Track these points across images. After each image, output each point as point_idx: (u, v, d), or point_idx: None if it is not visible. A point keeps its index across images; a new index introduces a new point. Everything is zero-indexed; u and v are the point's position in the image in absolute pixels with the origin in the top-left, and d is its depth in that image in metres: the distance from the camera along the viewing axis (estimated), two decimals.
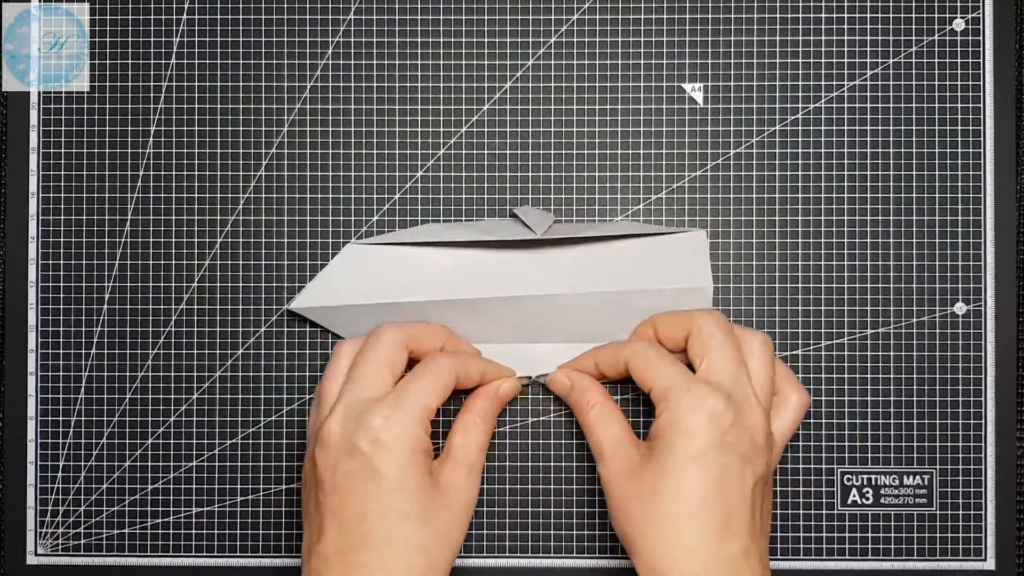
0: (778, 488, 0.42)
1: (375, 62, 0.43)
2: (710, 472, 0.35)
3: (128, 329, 0.43)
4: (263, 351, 0.43)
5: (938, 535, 0.42)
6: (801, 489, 0.43)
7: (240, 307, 0.43)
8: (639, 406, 0.43)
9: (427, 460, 0.37)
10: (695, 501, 0.35)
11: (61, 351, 0.43)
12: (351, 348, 0.39)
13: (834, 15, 0.43)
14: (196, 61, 0.43)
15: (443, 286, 0.42)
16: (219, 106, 0.43)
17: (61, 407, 0.43)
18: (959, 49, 0.42)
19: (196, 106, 0.43)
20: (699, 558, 0.35)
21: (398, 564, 0.35)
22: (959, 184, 0.43)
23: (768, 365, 0.38)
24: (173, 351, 0.43)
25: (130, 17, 0.43)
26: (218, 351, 0.43)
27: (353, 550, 0.36)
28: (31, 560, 0.43)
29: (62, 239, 0.43)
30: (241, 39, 0.43)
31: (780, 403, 0.39)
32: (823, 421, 0.42)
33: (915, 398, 0.42)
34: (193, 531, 0.43)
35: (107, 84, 0.43)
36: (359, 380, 0.38)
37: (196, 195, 0.43)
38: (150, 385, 0.43)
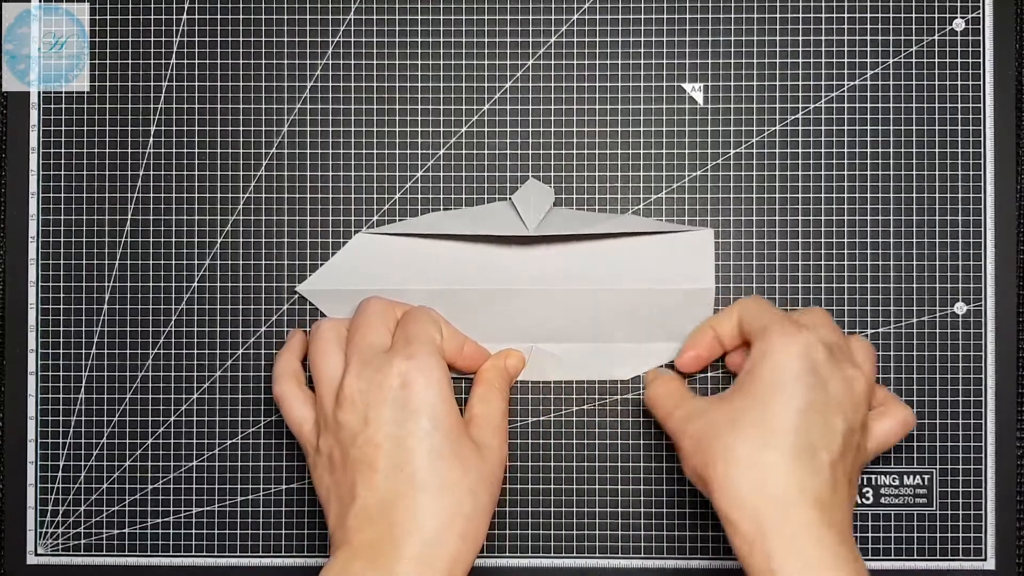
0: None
1: (375, 62, 0.43)
2: (796, 402, 0.35)
3: (128, 329, 0.43)
4: (263, 351, 0.43)
5: (938, 535, 0.42)
6: None
7: (240, 307, 0.43)
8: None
9: (455, 402, 0.37)
10: (777, 425, 0.34)
11: (61, 351, 0.43)
12: (333, 324, 0.39)
13: (834, 15, 0.43)
14: (196, 61, 0.43)
15: (450, 276, 0.42)
16: (219, 106, 0.43)
17: (61, 407, 0.43)
18: (959, 49, 0.42)
19: (196, 106, 0.43)
20: (778, 481, 0.33)
21: (447, 505, 0.34)
22: (959, 184, 0.43)
23: (871, 362, 0.39)
24: (173, 351, 0.43)
25: (130, 17, 0.43)
26: (218, 351, 0.43)
27: (398, 496, 0.34)
28: (31, 560, 0.43)
29: (62, 239, 0.43)
30: (241, 39, 0.43)
31: (886, 412, 0.39)
32: None
33: (915, 398, 0.42)
34: (193, 531, 0.43)
35: (107, 84, 0.43)
36: (365, 338, 0.37)
37: (196, 195, 0.43)
38: (150, 385, 0.43)
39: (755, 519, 0.33)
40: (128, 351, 0.43)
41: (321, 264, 0.43)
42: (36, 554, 0.43)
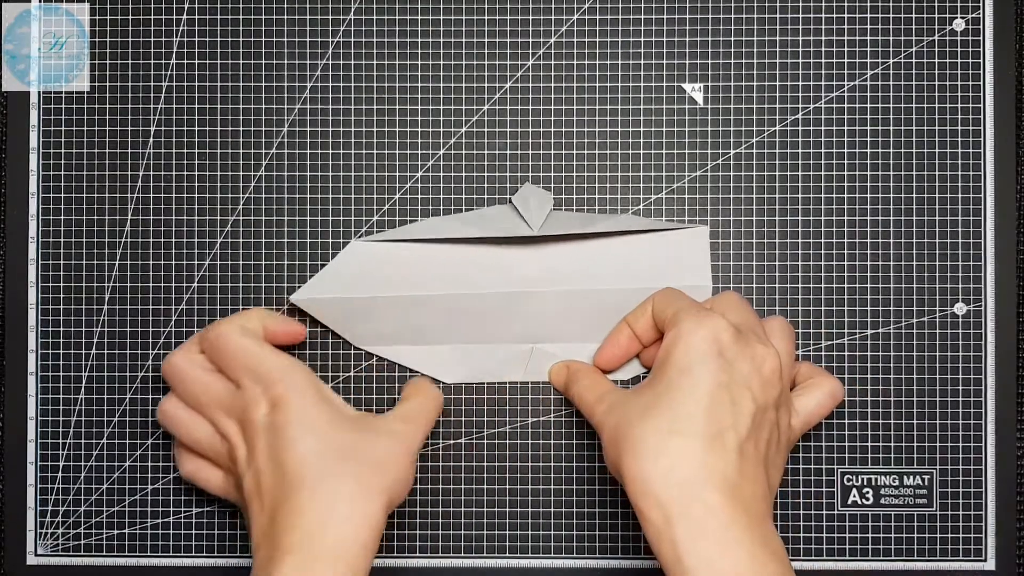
0: (778, 488, 0.42)
1: (375, 62, 0.43)
2: (702, 385, 0.35)
3: (128, 329, 0.43)
4: None
5: (938, 535, 0.42)
6: (801, 489, 0.43)
7: (240, 307, 0.43)
8: None
9: (327, 395, 0.37)
10: (684, 410, 0.34)
11: (61, 351, 0.43)
12: (170, 400, 0.39)
13: (834, 15, 0.43)
14: (196, 61, 0.43)
15: (448, 280, 0.42)
16: (219, 106, 0.43)
17: (61, 407, 0.43)
18: (959, 49, 0.42)
19: (196, 106, 0.43)
20: (684, 467, 0.33)
21: (326, 493, 0.34)
22: (959, 184, 0.43)
23: (789, 340, 0.39)
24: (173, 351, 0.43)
25: (130, 17, 0.43)
26: None
27: (280, 503, 0.35)
28: (31, 560, 0.43)
29: (62, 239, 0.43)
30: (241, 39, 0.43)
31: (812, 385, 0.39)
32: (823, 421, 0.42)
33: (915, 398, 0.42)
34: (193, 531, 0.43)
35: (107, 84, 0.43)
36: (199, 389, 0.38)
37: (196, 195, 0.43)
38: (150, 385, 0.43)
39: (662, 506, 0.33)
40: (128, 351, 0.43)
41: (321, 265, 0.43)
42: (36, 554, 0.43)
